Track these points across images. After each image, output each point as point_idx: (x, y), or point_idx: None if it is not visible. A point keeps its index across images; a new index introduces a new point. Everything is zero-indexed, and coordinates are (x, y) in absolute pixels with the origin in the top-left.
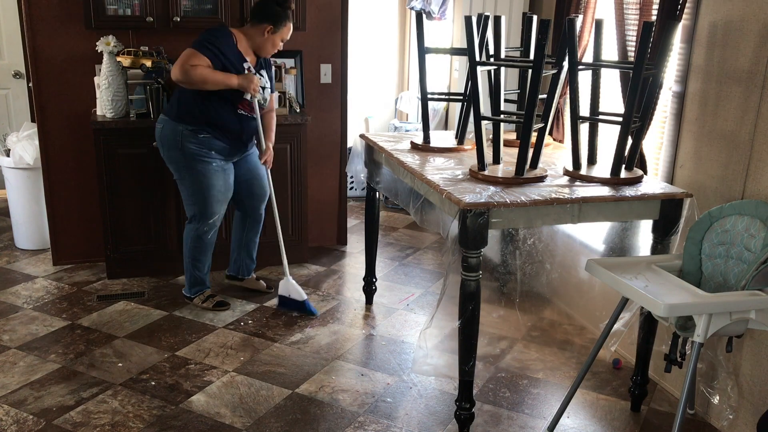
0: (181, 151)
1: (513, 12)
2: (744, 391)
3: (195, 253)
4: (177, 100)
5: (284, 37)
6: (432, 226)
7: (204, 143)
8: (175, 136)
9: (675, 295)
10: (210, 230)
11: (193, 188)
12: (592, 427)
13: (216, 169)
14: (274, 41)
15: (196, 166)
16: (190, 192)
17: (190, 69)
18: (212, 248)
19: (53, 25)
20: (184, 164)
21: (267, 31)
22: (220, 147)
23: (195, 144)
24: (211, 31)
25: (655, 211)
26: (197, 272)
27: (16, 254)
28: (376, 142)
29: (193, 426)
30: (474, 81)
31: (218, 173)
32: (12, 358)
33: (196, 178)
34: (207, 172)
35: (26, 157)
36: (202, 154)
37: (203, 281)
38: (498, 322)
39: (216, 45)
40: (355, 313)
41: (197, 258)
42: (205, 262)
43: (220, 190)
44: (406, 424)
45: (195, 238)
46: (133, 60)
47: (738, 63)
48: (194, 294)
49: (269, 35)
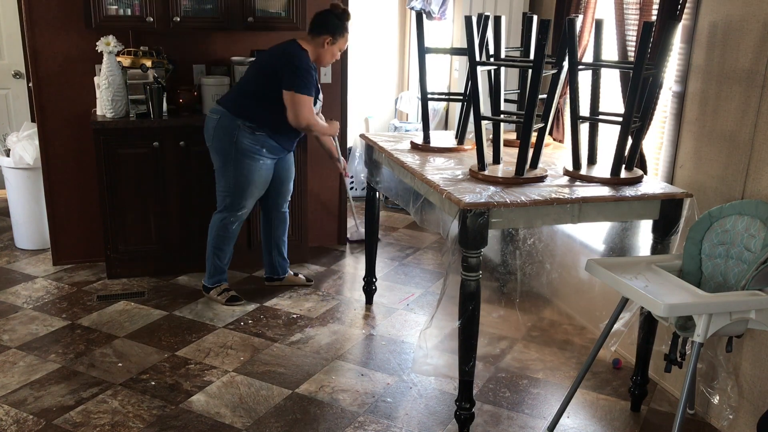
0: (234, 144)
1: (513, 12)
2: (744, 391)
3: (218, 242)
4: (241, 99)
5: (342, 47)
6: (432, 226)
7: (259, 140)
8: (233, 129)
9: (675, 295)
10: (236, 221)
11: (234, 181)
12: (592, 427)
13: (261, 166)
14: (333, 52)
15: (244, 161)
16: (230, 184)
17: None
18: (235, 240)
19: (53, 25)
20: (233, 157)
21: (327, 42)
22: (271, 146)
23: (250, 140)
24: (305, 63)
25: (655, 211)
26: (218, 261)
27: (16, 254)
28: (376, 142)
29: (193, 426)
30: (474, 81)
31: (262, 170)
32: (12, 358)
33: (241, 172)
34: (253, 168)
35: (26, 157)
36: (254, 151)
37: (223, 271)
38: (498, 322)
39: (312, 82)
40: (355, 313)
41: (220, 247)
42: (227, 252)
43: (258, 186)
44: (406, 424)
45: (221, 227)
46: (133, 60)
47: (738, 63)
48: (213, 284)
49: (329, 46)
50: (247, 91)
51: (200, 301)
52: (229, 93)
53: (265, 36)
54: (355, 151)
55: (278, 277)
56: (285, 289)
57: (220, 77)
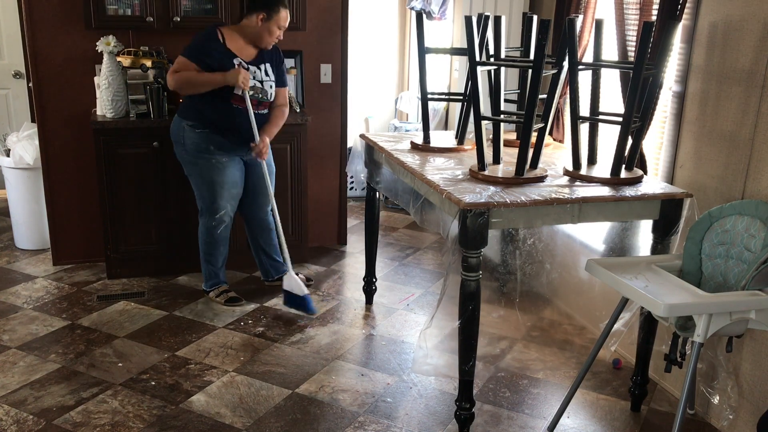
0: (184, 147)
1: (513, 12)
2: (744, 391)
3: (207, 247)
4: (184, 98)
5: (280, 24)
6: (432, 226)
7: (203, 138)
8: (179, 132)
9: (675, 295)
10: (219, 225)
11: (198, 183)
12: (592, 427)
13: (216, 165)
14: (269, 29)
15: (198, 161)
16: (197, 186)
17: (176, 76)
18: (225, 243)
19: (53, 25)
20: (188, 159)
21: (260, 19)
22: (218, 142)
23: (195, 139)
24: (197, 35)
25: (655, 211)
26: (210, 266)
27: (16, 254)
28: (376, 142)
29: (193, 426)
30: (474, 81)
31: (219, 168)
32: (12, 358)
33: (200, 172)
34: (209, 167)
35: (26, 157)
36: (202, 150)
37: (217, 275)
38: (498, 322)
39: (201, 48)
40: (355, 313)
41: (209, 252)
42: (218, 256)
43: (223, 185)
44: (406, 424)
45: (205, 232)
46: (133, 60)
47: (738, 63)
48: (210, 288)
49: (263, 23)
50: None
51: (200, 301)
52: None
53: None
54: (355, 151)
55: (273, 279)
56: None
57: None
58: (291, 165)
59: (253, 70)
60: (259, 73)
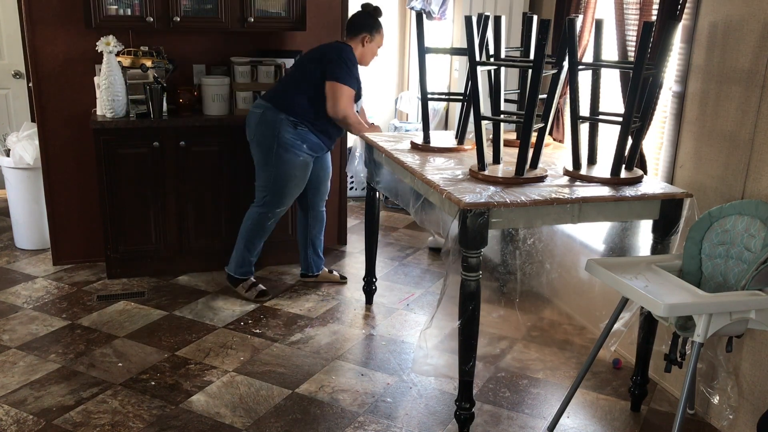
0: (276, 138)
1: (513, 12)
2: (744, 391)
3: (251, 236)
4: (285, 94)
5: (380, 44)
6: (432, 226)
7: (300, 135)
8: (276, 123)
9: (675, 295)
10: (273, 218)
11: (275, 175)
12: (592, 427)
13: (301, 163)
14: (372, 50)
15: (285, 155)
16: (271, 178)
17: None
18: (267, 236)
19: (53, 25)
20: (276, 150)
21: (365, 40)
22: (312, 142)
23: (292, 134)
24: (347, 57)
25: (655, 211)
26: (247, 254)
27: (16, 254)
28: (376, 142)
29: (193, 426)
30: (474, 81)
31: (302, 167)
32: (12, 358)
33: (281, 166)
34: (293, 164)
35: (26, 157)
36: (295, 146)
37: (250, 264)
38: (498, 322)
39: (356, 71)
40: (355, 313)
41: (252, 241)
42: (258, 246)
43: (297, 183)
44: (406, 424)
45: (257, 221)
46: (133, 60)
47: (738, 63)
48: (239, 275)
49: (368, 44)
50: (292, 86)
51: (200, 301)
52: (273, 88)
53: (265, 36)
54: (355, 151)
55: (312, 275)
56: (285, 289)
57: (220, 77)
58: None
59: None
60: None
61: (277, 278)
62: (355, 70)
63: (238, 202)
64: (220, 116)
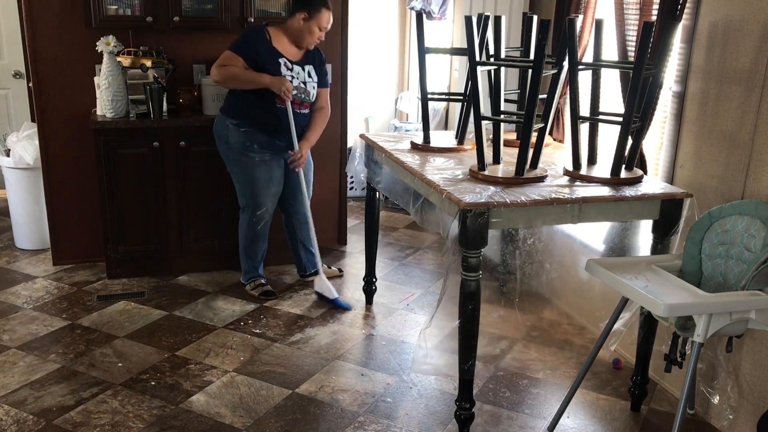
0: (228, 144)
1: (513, 12)
2: (744, 391)
3: (247, 243)
4: (227, 96)
5: (321, 24)
6: (432, 226)
7: (247, 136)
8: (223, 130)
9: (675, 295)
10: (260, 221)
11: (240, 180)
12: (592, 427)
13: (259, 163)
14: (310, 29)
15: (241, 159)
16: (239, 184)
17: (222, 69)
18: (264, 238)
19: (53, 25)
20: (231, 157)
21: (302, 18)
22: (262, 140)
23: (239, 137)
24: (246, 31)
25: (655, 211)
26: (250, 261)
27: (16, 254)
28: (376, 142)
29: (193, 426)
30: (474, 81)
31: (262, 166)
32: (12, 358)
33: (242, 170)
34: (252, 165)
35: (26, 157)
36: (246, 148)
37: (256, 269)
38: (498, 322)
39: (249, 45)
40: (355, 313)
41: (249, 247)
42: (257, 251)
43: (265, 182)
44: (406, 424)
45: (247, 228)
46: (133, 60)
47: (738, 63)
48: (247, 281)
49: (305, 23)
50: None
51: (200, 301)
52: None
53: None
54: (355, 151)
55: (309, 273)
56: (285, 289)
57: None
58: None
59: (297, 70)
60: (303, 74)
61: (277, 278)
62: (244, 40)
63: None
64: None
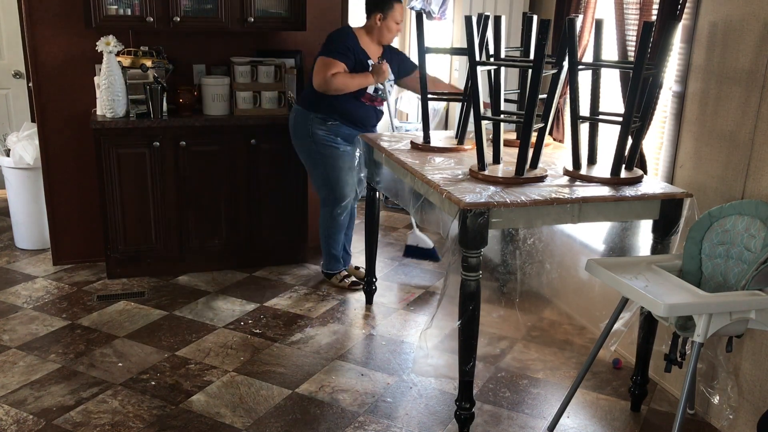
0: (311, 138)
1: (513, 12)
2: (744, 391)
3: (328, 233)
4: (309, 92)
5: (396, 19)
6: (432, 226)
7: (331, 130)
8: (306, 124)
9: (675, 295)
10: (343, 212)
11: (323, 173)
12: (592, 427)
13: (344, 155)
14: (388, 26)
15: (326, 152)
16: (322, 177)
17: (331, 79)
18: (344, 229)
19: (53, 25)
20: (315, 150)
21: (378, 19)
22: (346, 133)
23: (323, 130)
24: (337, 34)
25: (655, 211)
26: (332, 251)
27: (16, 254)
28: (376, 142)
29: (193, 426)
30: (474, 81)
31: (345, 157)
32: (12, 358)
33: (327, 162)
34: (336, 157)
35: (26, 157)
36: (330, 140)
37: (338, 258)
38: (498, 322)
39: (348, 48)
40: (355, 313)
41: (330, 236)
42: (338, 240)
43: (348, 173)
44: (406, 424)
45: (330, 219)
46: (133, 60)
47: (738, 63)
48: (330, 270)
49: (382, 23)
50: (310, 84)
51: (200, 301)
52: (303, 91)
53: (265, 36)
54: None
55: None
56: (285, 289)
57: (220, 77)
58: (291, 164)
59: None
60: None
61: (277, 278)
62: (339, 43)
63: (238, 201)
64: (220, 116)
